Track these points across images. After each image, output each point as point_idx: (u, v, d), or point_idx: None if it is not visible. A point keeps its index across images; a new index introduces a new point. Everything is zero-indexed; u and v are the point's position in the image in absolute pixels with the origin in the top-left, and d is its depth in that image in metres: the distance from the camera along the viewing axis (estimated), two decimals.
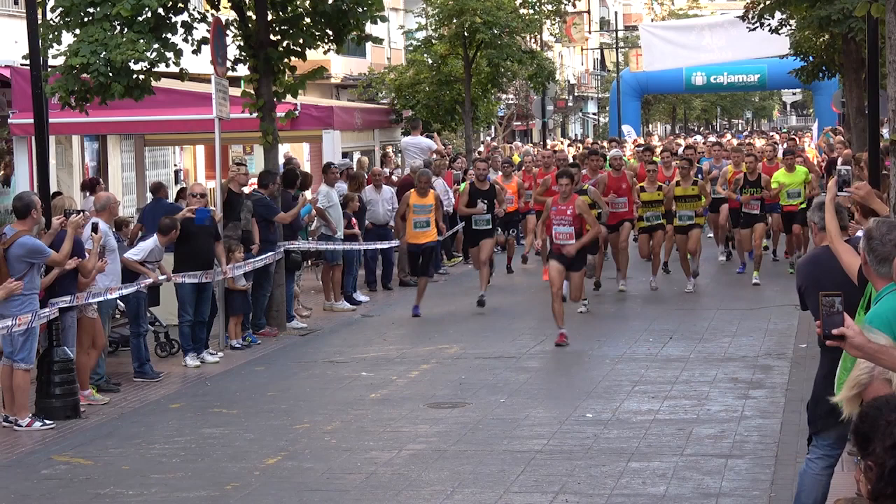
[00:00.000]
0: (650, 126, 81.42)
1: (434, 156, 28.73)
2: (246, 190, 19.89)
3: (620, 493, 10.79)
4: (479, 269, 21.99)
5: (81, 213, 14.65)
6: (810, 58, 30.13)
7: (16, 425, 13.56)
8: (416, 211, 21.28)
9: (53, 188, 20.40)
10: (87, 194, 22.03)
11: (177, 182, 32.57)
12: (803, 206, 23.42)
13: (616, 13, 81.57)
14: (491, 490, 11.00)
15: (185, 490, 11.18)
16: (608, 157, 24.15)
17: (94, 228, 14.92)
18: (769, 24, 27.82)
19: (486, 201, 21.83)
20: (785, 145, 32.46)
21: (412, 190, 21.61)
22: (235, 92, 20.83)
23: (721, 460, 11.76)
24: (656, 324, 19.29)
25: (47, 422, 13.69)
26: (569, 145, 46.71)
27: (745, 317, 19.67)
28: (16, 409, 13.64)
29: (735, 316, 19.75)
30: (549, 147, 35.57)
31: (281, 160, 22.98)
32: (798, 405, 13.41)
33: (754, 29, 27.99)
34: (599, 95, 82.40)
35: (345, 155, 29.06)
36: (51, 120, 19.00)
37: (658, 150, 28.67)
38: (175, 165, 34.30)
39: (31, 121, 15.26)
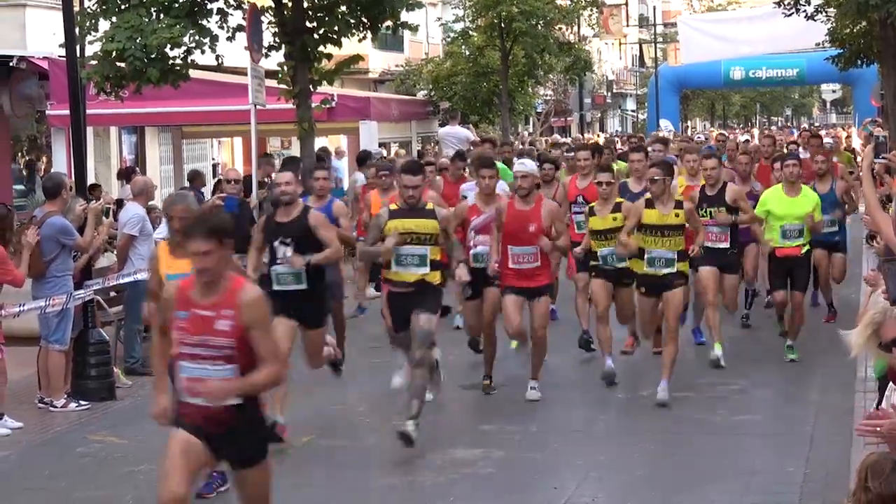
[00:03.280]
0: (689, 122, 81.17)
1: (471, 147, 28.68)
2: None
3: (651, 470, 10.78)
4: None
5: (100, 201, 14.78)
6: (847, 45, 29.98)
7: (51, 406, 13.63)
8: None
9: (91, 180, 20.54)
10: (124, 183, 22.15)
11: (214, 175, 32.70)
12: (807, 248, 15.29)
13: (654, 7, 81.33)
14: (521, 467, 11.01)
15: (219, 467, 11.17)
16: (514, 173, 14.05)
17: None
18: (805, 11, 27.68)
19: (289, 242, 11.71)
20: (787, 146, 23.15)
21: (161, 243, 11.05)
22: (272, 84, 20.90)
23: (756, 439, 11.71)
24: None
25: (82, 403, 13.76)
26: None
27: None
28: (51, 391, 13.71)
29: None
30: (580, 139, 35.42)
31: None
32: (833, 387, 13.38)
33: (790, 15, 27.86)
34: (638, 92, 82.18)
35: (382, 146, 29.10)
36: (88, 111, 19.16)
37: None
38: (213, 159, 34.46)
39: (68, 112, 15.32)
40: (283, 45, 19.65)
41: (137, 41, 17.60)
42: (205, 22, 18.47)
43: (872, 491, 5.36)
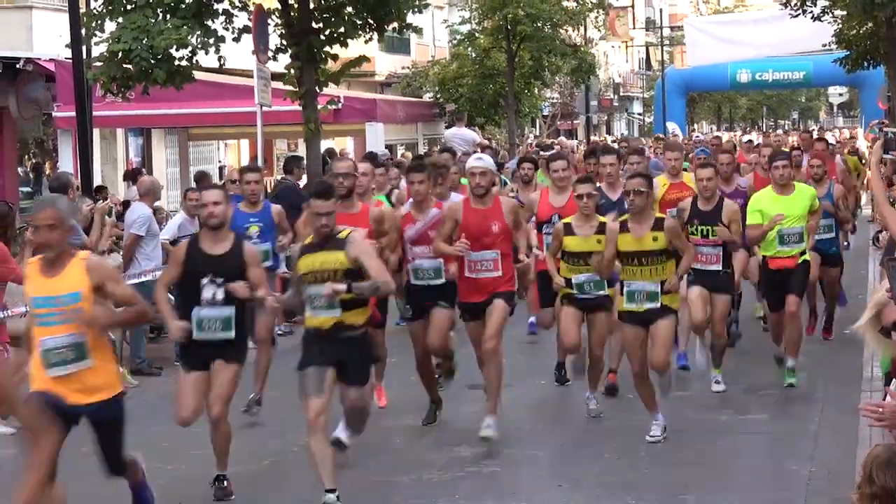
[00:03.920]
0: (695, 125, 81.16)
1: (477, 149, 28.66)
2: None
3: (656, 468, 10.78)
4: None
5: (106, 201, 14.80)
6: (854, 47, 30.03)
7: None
8: (40, 315, 8.93)
9: (97, 183, 20.57)
10: (130, 184, 22.17)
11: (220, 178, 32.73)
12: (805, 258, 13.49)
13: (661, 10, 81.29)
14: (525, 465, 11.03)
15: None
16: (469, 170, 12.09)
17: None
18: (811, 12, 27.70)
19: (221, 283, 10.13)
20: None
21: (30, 261, 9.36)
22: (278, 86, 20.94)
23: (761, 437, 11.73)
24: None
25: None
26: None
27: None
28: None
29: None
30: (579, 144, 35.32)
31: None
32: (838, 385, 13.37)
33: (797, 16, 27.88)
34: (645, 95, 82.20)
35: (388, 148, 29.13)
36: (94, 113, 19.19)
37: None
38: (219, 161, 34.51)
39: (74, 114, 15.35)
40: (290, 47, 19.67)
41: (144, 42, 17.68)
42: (210, 23, 18.50)
43: (877, 483, 5.36)
